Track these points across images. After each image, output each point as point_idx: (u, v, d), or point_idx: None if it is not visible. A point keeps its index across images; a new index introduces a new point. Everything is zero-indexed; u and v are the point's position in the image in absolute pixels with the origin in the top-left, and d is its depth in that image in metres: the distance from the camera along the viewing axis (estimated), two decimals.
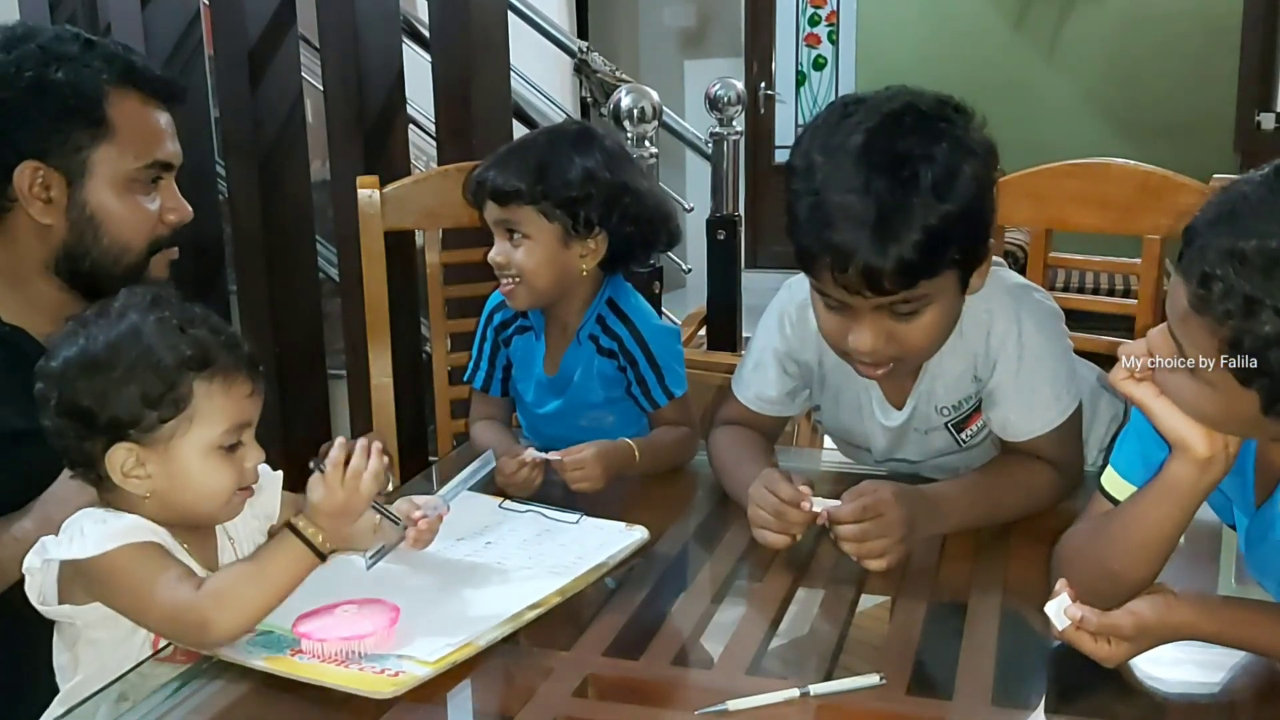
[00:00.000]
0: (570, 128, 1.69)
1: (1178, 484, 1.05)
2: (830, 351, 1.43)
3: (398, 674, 1.06)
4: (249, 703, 1.08)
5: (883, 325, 1.29)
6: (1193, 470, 1.03)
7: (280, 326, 2.77)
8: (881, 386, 1.48)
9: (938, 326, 1.33)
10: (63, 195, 1.40)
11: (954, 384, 1.45)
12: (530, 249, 1.57)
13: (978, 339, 1.41)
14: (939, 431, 1.49)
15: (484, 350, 1.73)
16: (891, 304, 1.27)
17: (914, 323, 1.30)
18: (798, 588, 1.26)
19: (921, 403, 1.47)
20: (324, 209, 2.87)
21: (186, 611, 1.09)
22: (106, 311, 1.18)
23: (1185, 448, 1.03)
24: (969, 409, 1.47)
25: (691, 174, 4.72)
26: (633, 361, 1.61)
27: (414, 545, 1.26)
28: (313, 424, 2.81)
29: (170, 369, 1.13)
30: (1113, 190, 1.85)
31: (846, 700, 1.04)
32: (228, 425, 1.17)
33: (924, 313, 1.29)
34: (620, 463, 1.54)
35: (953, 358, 1.42)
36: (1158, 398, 1.03)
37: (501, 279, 1.60)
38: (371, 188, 1.98)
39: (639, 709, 1.08)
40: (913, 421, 1.49)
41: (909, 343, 1.32)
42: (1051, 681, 1.10)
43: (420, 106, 3.08)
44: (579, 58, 3.75)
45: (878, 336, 1.29)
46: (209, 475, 1.17)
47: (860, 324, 1.29)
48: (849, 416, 1.54)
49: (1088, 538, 1.17)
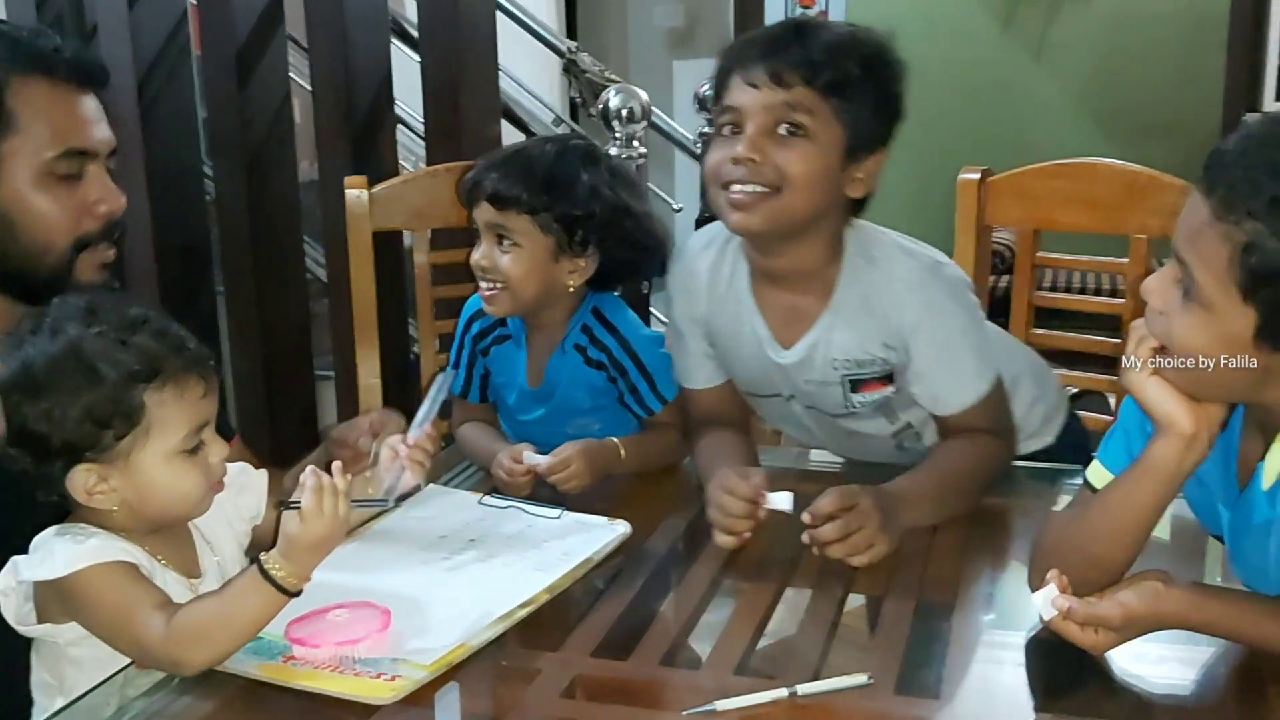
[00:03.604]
0: (578, 143, 1.65)
1: (1161, 463, 1.07)
2: (718, 299, 1.52)
3: (394, 679, 1.06)
4: (238, 705, 1.08)
5: (763, 141, 1.37)
6: (1177, 448, 1.05)
7: (268, 327, 2.76)
8: (770, 322, 1.51)
9: (814, 165, 1.38)
10: None
11: (855, 340, 1.47)
12: (519, 257, 1.55)
13: (889, 307, 1.45)
14: (834, 387, 1.50)
15: (462, 357, 1.71)
16: (780, 117, 1.37)
17: (791, 149, 1.37)
18: (785, 587, 1.26)
19: (816, 352, 1.48)
20: (312, 209, 2.86)
21: (157, 648, 1.07)
22: (40, 326, 1.12)
23: (1171, 425, 1.05)
24: (873, 374, 1.49)
25: (680, 174, 4.72)
26: (623, 371, 1.61)
27: (416, 470, 1.31)
28: (300, 425, 2.81)
29: (117, 385, 1.09)
30: (1100, 190, 1.86)
31: (834, 700, 1.04)
32: (186, 430, 1.13)
33: (802, 144, 1.37)
34: (605, 461, 1.54)
35: (860, 315, 1.46)
36: (1150, 379, 1.05)
37: (482, 283, 1.58)
38: (360, 188, 1.98)
39: (627, 709, 1.08)
40: (805, 369, 1.50)
41: (783, 165, 1.37)
42: (1038, 679, 1.11)
43: (409, 107, 3.08)
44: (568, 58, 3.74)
45: (757, 145, 1.37)
46: (175, 481, 1.14)
47: (745, 138, 1.38)
48: (747, 362, 1.55)
49: (1068, 522, 1.18)
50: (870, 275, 1.46)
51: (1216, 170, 0.98)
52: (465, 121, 2.57)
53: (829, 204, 1.43)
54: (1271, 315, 0.96)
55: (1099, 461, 1.19)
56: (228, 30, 2.66)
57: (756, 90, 1.38)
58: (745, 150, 1.38)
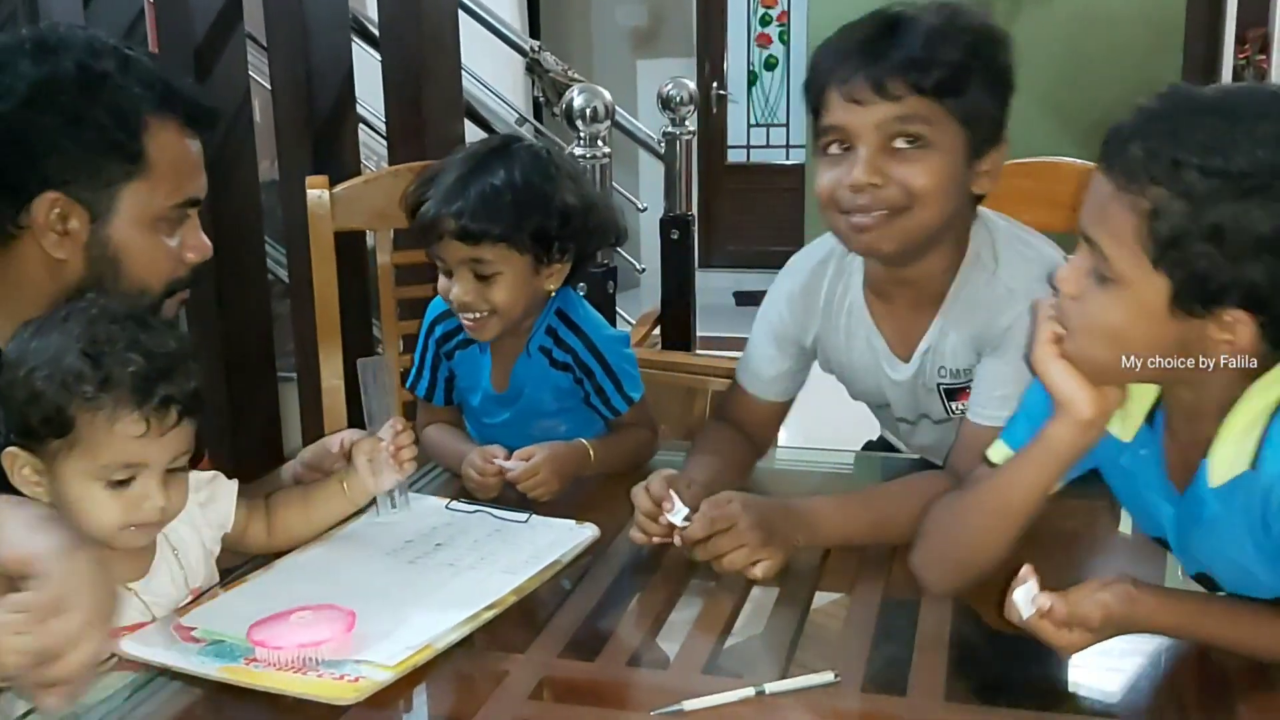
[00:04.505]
0: (524, 152, 1.55)
1: (1054, 444, 1.09)
2: (831, 314, 1.46)
3: (357, 679, 1.05)
4: (202, 709, 1.07)
5: (881, 160, 1.28)
6: (1072, 431, 1.07)
7: (229, 328, 2.73)
8: (887, 335, 1.46)
9: (940, 175, 1.29)
10: (83, 230, 1.28)
11: (959, 348, 1.41)
12: (502, 284, 1.50)
13: (993, 313, 1.37)
14: (935, 395, 1.47)
15: (425, 360, 1.69)
16: (894, 132, 1.27)
17: (913, 163, 1.29)
18: (752, 586, 1.26)
19: (928, 359, 1.44)
20: (273, 209, 2.84)
21: None
22: (60, 311, 1.14)
23: (1070, 407, 1.07)
24: (965, 382, 1.43)
25: (644, 174, 4.72)
26: (589, 373, 1.59)
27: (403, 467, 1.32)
28: (263, 427, 2.78)
29: (56, 389, 1.09)
30: (1062, 189, 1.87)
31: (801, 698, 1.04)
32: (107, 461, 1.11)
33: (924, 154, 1.28)
34: (574, 464, 1.53)
35: (965, 318, 1.40)
36: (1055, 360, 1.07)
37: (464, 316, 1.54)
38: (321, 188, 1.96)
39: (595, 710, 1.07)
40: (920, 377, 1.46)
41: (907, 182, 1.29)
42: (1003, 677, 1.11)
43: (370, 106, 3.06)
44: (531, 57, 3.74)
45: (876, 167, 1.28)
46: (90, 505, 1.12)
47: (858, 159, 1.29)
48: (863, 377, 1.51)
49: (957, 499, 1.19)
50: (982, 276, 1.39)
51: (1116, 145, 1.00)
52: (428, 121, 2.55)
53: (959, 208, 1.35)
54: (1183, 280, 0.97)
55: (1003, 440, 1.20)
56: (185, 28, 2.62)
57: (861, 106, 1.27)
58: (864, 175, 1.28)
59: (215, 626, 1.14)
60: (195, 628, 1.15)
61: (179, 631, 1.15)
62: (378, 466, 1.32)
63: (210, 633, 1.14)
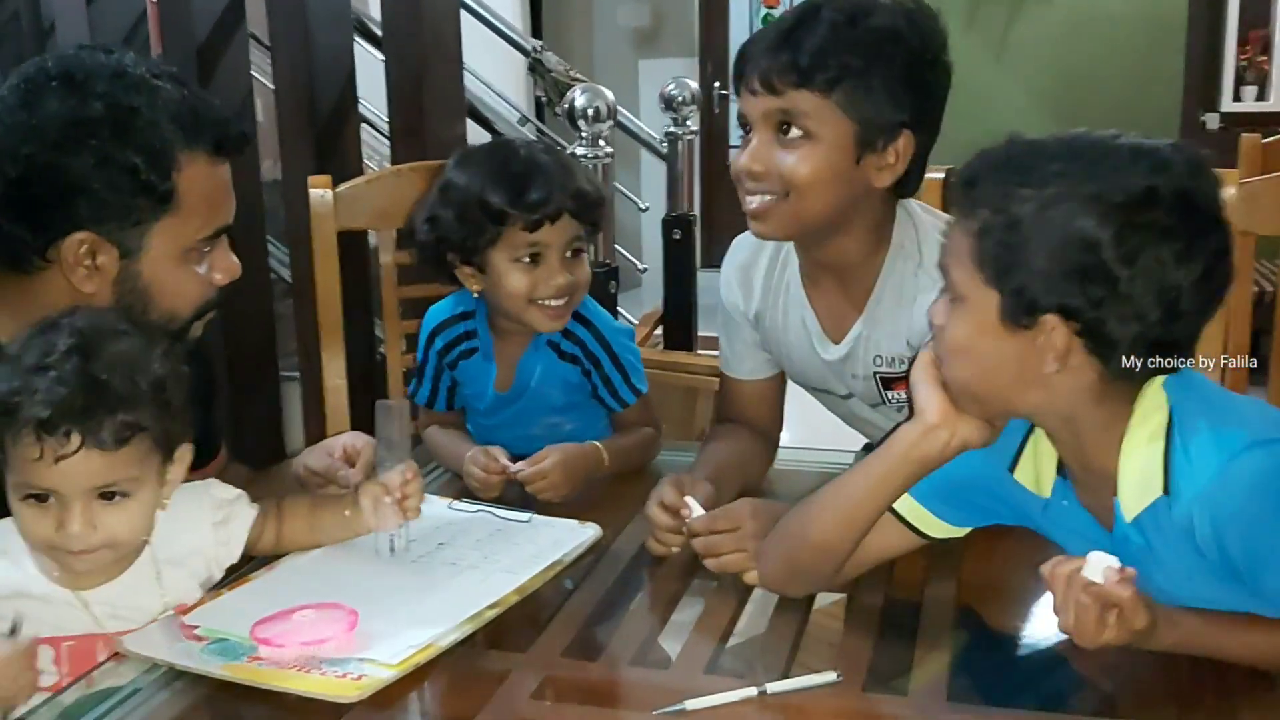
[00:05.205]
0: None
1: (899, 442, 1.12)
2: (770, 291, 1.51)
3: (360, 678, 1.05)
4: (205, 708, 1.07)
5: (769, 145, 1.35)
6: (917, 431, 1.11)
7: (232, 328, 2.74)
8: (820, 316, 1.50)
9: (819, 165, 1.34)
10: (113, 266, 1.28)
11: (891, 337, 1.45)
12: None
13: (921, 304, 1.38)
14: (871, 383, 1.50)
15: (426, 371, 1.67)
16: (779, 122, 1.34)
17: (793, 153, 1.34)
18: (754, 587, 1.26)
19: (859, 347, 1.47)
20: (275, 209, 2.84)
21: None
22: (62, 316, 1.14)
23: (920, 411, 1.11)
24: (900, 372, 1.46)
25: (647, 174, 4.73)
26: (597, 363, 1.59)
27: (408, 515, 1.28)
28: (265, 427, 2.78)
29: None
30: None
31: (803, 698, 1.04)
32: (17, 478, 1.11)
33: (805, 145, 1.34)
34: (587, 468, 1.52)
35: (893, 308, 1.44)
36: (928, 379, 1.11)
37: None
38: (324, 187, 1.96)
39: (597, 710, 1.08)
40: (851, 364, 1.49)
41: (785, 171, 1.35)
42: (1005, 677, 1.11)
43: (373, 105, 3.06)
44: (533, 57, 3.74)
45: (759, 155, 1.36)
46: (19, 520, 1.13)
47: (748, 148, 1.36)
48: (798, 356, 1.54)
49: (809, 500, 1.20)
50: (908, 267, 1.43)
51: (962, 180, 1.08)
52: (430, 121, 2.55)
53: (851, 198, 1.38)
54: (1009, 292, 1.02)
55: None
56: (187, 28, 2.63)
57: (754, 97, 1.36)
58: (746, 161, 1.37)
59: (218, 625, 1.15)
60: (198, 626, 1.15)
61: (182, 630, 1.15)
62: (382, 511, 1.28)
63: (213, 631, 1.14)
